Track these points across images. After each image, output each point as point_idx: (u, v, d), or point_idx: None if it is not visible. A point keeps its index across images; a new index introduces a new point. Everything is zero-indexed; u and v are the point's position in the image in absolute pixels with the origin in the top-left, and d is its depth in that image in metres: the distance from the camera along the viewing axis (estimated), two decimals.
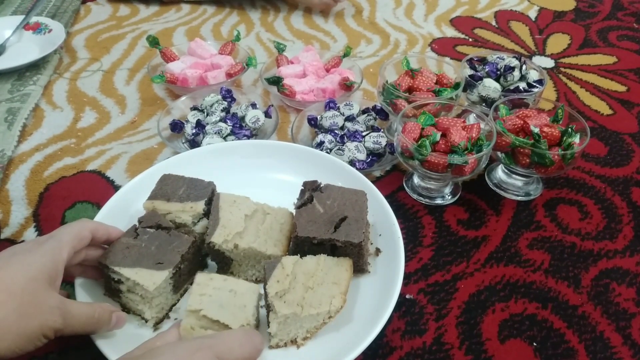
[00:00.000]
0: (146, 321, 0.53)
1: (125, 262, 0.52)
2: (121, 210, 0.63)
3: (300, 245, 0.57)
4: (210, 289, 0.51)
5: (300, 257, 0.55)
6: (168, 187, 0.62)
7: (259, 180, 0.70)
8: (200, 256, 0.60)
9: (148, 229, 0.56)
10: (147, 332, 0.53)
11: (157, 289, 0.51)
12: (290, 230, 0.60)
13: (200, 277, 0.53)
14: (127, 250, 0.54)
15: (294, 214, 0.59)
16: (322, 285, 0.53)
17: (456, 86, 0.80)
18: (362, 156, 0.75)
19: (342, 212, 0.58)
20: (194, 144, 0.78)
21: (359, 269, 0.58)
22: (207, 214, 0.61)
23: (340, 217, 0.57)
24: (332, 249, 0.57)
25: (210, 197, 0.62)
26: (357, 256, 0.56)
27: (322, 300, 0.52)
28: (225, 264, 0.59)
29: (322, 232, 0.55)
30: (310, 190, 0.61)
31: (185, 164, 0.68)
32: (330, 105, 0.83)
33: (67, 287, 0.59)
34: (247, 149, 0.73)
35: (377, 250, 0.61)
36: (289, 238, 0.60)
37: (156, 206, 0.60)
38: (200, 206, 0.60)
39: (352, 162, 0.74)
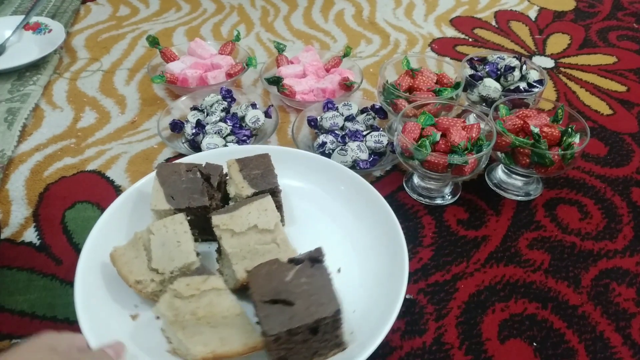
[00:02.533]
0: None
1: (162, 180, 0.61)
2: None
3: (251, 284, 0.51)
4: (171, 227, 0.56)
5: (239, 298, 0.51)
6: (253, 162, 0.64)
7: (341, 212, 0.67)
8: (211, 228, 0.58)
9: (199, 173, 0.62)
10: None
11: (154, 211, 0.58)
12: None
13: (177, 216, 0.57)
14: (174, 173, 0.61)
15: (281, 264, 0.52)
16: (205, 325, 0.48)
17: (456, 86, 0.80)
18: (364, 156, 0.75)
19: (296, 297, 0.47)
20: (194, 144, 0.78)
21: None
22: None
23: (285, 298, 0.47)
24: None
25: (264, 190, 0.61)
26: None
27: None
28: (220, 248, 0.58)
29: (264, 297, 0.48)
30: (309, 257, 0.52)
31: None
32: (329, 105, 0.83)
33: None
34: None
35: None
36: None
37: (232, 167, 0.64)
38: (248, 191, 0.61)
39: (355, 162, 0.74)
